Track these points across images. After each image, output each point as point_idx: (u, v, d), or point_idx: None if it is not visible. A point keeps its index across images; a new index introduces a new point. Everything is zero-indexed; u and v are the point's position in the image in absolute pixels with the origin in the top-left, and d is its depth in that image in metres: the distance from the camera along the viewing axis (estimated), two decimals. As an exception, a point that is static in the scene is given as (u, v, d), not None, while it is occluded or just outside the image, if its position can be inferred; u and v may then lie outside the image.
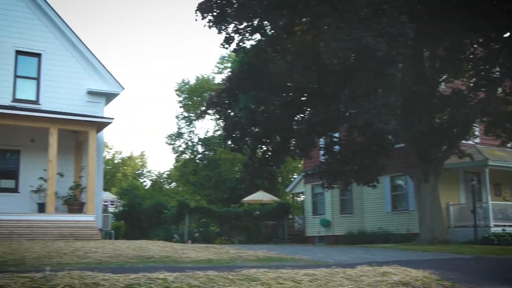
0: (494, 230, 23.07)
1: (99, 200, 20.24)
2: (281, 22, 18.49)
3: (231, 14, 19.13)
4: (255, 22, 19.78)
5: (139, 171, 68.48)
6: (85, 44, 20.85)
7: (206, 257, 11.31)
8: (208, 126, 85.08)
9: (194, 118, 52.04)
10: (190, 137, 53.25)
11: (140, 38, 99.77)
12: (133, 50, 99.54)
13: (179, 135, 53.59)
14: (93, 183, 18.70)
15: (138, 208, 32.95)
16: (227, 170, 47.20)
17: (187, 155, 53.12)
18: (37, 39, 20.12)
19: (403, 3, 16.32)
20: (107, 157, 64.78)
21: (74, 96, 20.36)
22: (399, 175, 26.49)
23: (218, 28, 19.51)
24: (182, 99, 52.68)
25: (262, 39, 20.99)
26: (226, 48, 20.67)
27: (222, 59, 53.71)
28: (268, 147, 23.18)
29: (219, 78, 52.84)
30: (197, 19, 19.62)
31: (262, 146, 23.72)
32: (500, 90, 21.94)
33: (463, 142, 23.53)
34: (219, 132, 49.66)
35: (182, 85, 52.84)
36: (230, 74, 25.45)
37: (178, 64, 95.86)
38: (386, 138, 20.95)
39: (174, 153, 54.40)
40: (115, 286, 6.22)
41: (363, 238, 26.13)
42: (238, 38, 20.29)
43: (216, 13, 19.33)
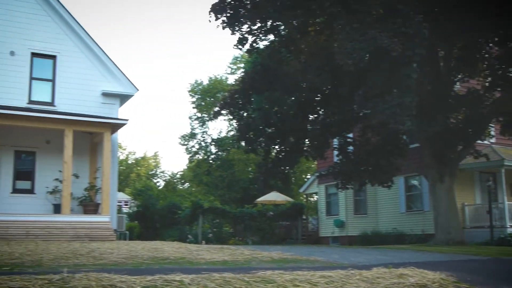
0: (511, 230, 22.85)
1: (114, 201, 20.33)
2: (294, 22, 18.44)
3: (245, 15, 19.13)
4: (269, 23, 19.76)
5: (153, 172, 68.77)
6: (99, 45, 20.97)
7: (221, 258, 11.32)
8: (221, 126, 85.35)
9: (207, 119, 52.14)
10: (203, 137, 53.38)
11: (153, 39, 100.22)
12: (145, 50, 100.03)
13: (192, 136, 53.72)
14: (108, 184, 18.80)
15: (152, 208, 33.09)
16: (240, 171, 47.22)
17: (201, 156, 53.24)
18: (52, 41, 20.29)
19: (418, 3, 16.20)
20: (121, 157, 65.19)
21: (89, 97, 20.48)
22: (414, 175, 26.33)
23: (231, 29, 19.53)
24: (195, 100, 52.81)
25: (276, 40, 20.97)
26: (240, 49, 20.72)
27: (235, 60, 53.80)
28: (281, 148, 23.15)
29: (232, 79, 52.95)
30: (210, 20, 19.67)
31: (276, 146, 23.69)
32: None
33: (479, 142, 23.30)
34: (232, 132, 49.73)
35: (195, 85, 52.97)
36: (244, 74, 25.46)
37: (191, 64, 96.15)
38: (400, 138, 20.83)
39: (188, 153, 54.57)
40: (132, 289, 6.24)
41: (377, 238, 26.00)
42: (251, 39, 20.30)
43: (229, 14, 19.35)
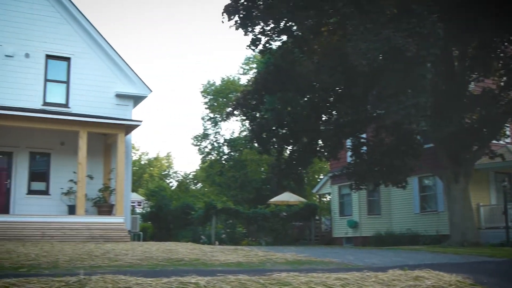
0: (527, 231, 22.60)
1: (128, 202, 20.42)
2: (307, 23, 18.39)
3: (258, 15, 19.12)
4: (282, 24, 19.73)
5: (165, 172, 68.97)
6: (113, 47, 21.09)
7: (235, 260, 11.32)
8: (233, 127, 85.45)
9: (220, 119, 52.24)
10: (216, 138, 53.48)
11: (165, 39, 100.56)
12: (157, 51, 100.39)
13: (205, 136, 53.84)
14: (122, 185, 18.89)
15: (165, 209, 33.19)
16: (253, 171, 47.24)
17: (213, 156, 53.33)
18: (66, 43, 20.45)
19: (432, 3, 16.07)
20: (134, 158, 65.46)
21: (103, 99, 20.60)
22: (428, 176, 26.17)
23: (244, 30, 19.53)
24: (207, 101, 52.93)
25: (289, 40, 20.93)
26: (253, 50, 20.71)
27: (248, 60, 53.84)
28: (295, 148, 23.11)
29: (245, 79, 53.02)
30: (223, 21, 19.68)
31: (289, 147, 23.65)
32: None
33: (494, 142, 23.08)
34: (245, 133, 49.76)
35: (208, 86, 53.10)
36: (257, 75, 25.45)
37: (203, 65, 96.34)
38: (415, 138, 20.69)
39: (200, 154, 54.71)
40: (148, 291, 6.27)
41: (391, 239, 25.89)
42: (264, 39, 20.29)
43: (242, 15, 19.35)
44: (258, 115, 23.49)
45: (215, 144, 53.44)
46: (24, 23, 19.82)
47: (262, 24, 19.62)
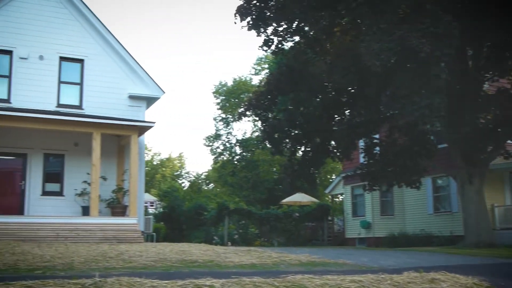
0: (542, 232, 22.39)
1: (141, 203, 20.48)
2: (320, 23, 18.33)
3: (270, 16, 19.10)
4: (294, 24, 19.69)
5: (178, 173, 69.15)
6: (126, 49, 21.17)
7: (249, 261, 11.30)
8: (245, 127, 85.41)
9: (232, 120, 52.30)
10: (228, 138, 53.55)
11: (176, 40, 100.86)
12: (169, 51, 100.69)
13: (217, 137, 53.94)
14: (135, 187, 18.94)
15: (178, 210, 33.24)
16: (265, 171, 47.22)
17: (225, 157, 53.40)
18: (80, 45, 20.55)
19: (447, 2, 15.94)
20: (146, 158, 65.65)
21: (116, 100, 20.68)
22: (441, 176, 25.98)
23: (257, 30, 19.52)
24: (219, 101, 53.02)
25: (301, 41, 20.88)
26: (265, 50, 20.69)
27: (259, 60, 53.85)
28: (307, 149, 23.04)
29: (256, 79, 53.03)
30: (236, 22, 19.69)
31: (301, 147, 23.59)
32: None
33: (509, 142, 22.86)
34: (257, 133, 49.77)
35: (219, 87, 53.19)
36: (269, 76, 25.42)
37: (215, 65, 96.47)
38: (428, 139, 20.55)
39: (212, 154, 54.82)
40: (164, 293, 6.28)
41: (405, 240, 25.75)
42: (277, 40, 20.25)
43: (254, 16, 19.34)
44: (270, 116, 23.45)
45: (227, 144, 53.53)
46: (38, 26, 19.96)
47: (274, 24, 19.60)
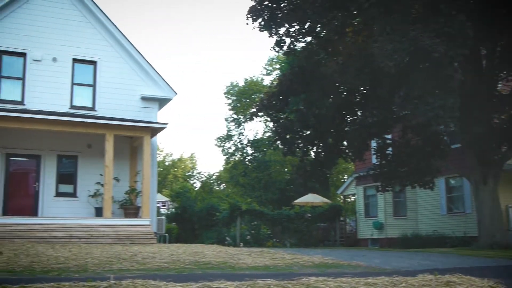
0: (557, 233, 22.15)
1: (154, 204, 20.54)
2: (332, 24, 18.27)
3: (282, 17, 19.07)
4: (307, 25, 19.63)
5: (189, 173, 69.27)
6: (138, 50, 21.23)
7: (262, 263, 11.30)
8: (257, 127, 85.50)
9: (243, 120, 52.34)
10: (240, 139, 53.59)
11: (187, 40, 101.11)
12: (180, 51, 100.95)
13: (229, 137, 54.02)
14: (148, 188, 18.98)
15: (190, 210, 33.29)
16: (277, 172, 47.17)
17: (237, 157, 53.44)
18: (92, 47, 20.65)
19: (461, 2, 15.81)
20: (158, 159, 65.74)
21: (129, 102, 20.76)
22: (455, 176, 25.79)
23: (269, 32, 19.51)
24: (231, 102, 53.10)
25: (313, 41, 20.81)
26: (277, 51, 20.66)
27: (271, 61, 53.82)
28: (319, 150, 22.96)
29: (268, 80, 53.03)
30: (248, 23, 19.69)
31: (314, 148, 23.52)
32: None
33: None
34: (269, 134, 49.76)
35: (231, 87, 53.27)
36: (281, 77, 25.40)
37: (226, 66, 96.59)
38: (441, 139, 20.40)
39: (224, 155, 54.90)
40: (178, 296, 6.29)
41: (418, 241, 25.57)
42: (289, 41, 20.22)
43: (266, 17, 19.32)
44: (282, 117, 23.40)
45: (239, 145, 53.57)
46: (51, 28, 20.09)
47: (286, 25, 19.56)
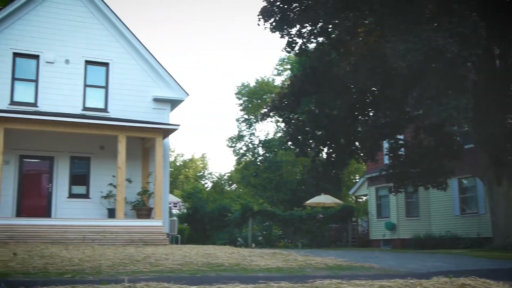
0: None
1: (166, 205, 20.59)
2: (344, 24, 18.20)
3: (294, 18, 19.03)
4: (318, 25, 19.57)
5: (200, 173, 69.38)
6: (150, 51, 21.29)
7: (275, 265, 11.28)
8: (268, 128, 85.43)
9: (255, 121, 52.36)
10: (251, 139, 53.61)
11: (198, 40, 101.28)
12: (191, 51, 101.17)
13: (240, 138, 54.06)
14: (160, 189, 19.02)
15: (202, 211, 33.32)
16: (288, 172, 47.11)
17: (248, 158, 53.46)
18: (105, 49, 20.74)
19: (474, 2, 15.67)
20: (169, 159, 65.81)
21: (141, 103, 20.83)
22: (468, 177, 25.60)
23: (280, 32, 19.48)
24: (242, 102, 53.14)
25: (325, 42, 20.75)
26: (289, 52, 20.62)
27: (282, 61, 53.79)
28: (331, 150, 22.88)
29: (279, 80, 53.00)
30: (259, 24, 19.68)
31: (325, 149, 23.44)
32: None
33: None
34: (280, 134, 49.73)
35: (242, 88, 53.31)
36: (293, 77, 25.34)
37: (237, 66, 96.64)
38: (454, 139, 20.25)
39: (235, 155, 54.94)
40: (193, 300, 6.29)
41: (431, 242, 25.41)
42: (300, 41, 20.17)
43: (278, 17, 19.30)
44: (293, 117, 23.33)
45: (250, 145, 53.59)
46: (63, 30, 20.20)
47: (298, 26, 19.52)
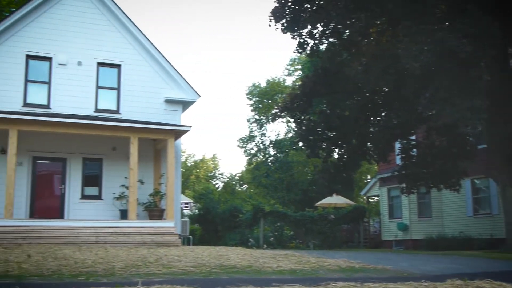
0: None
1: (178, 206, 20.62)
2: (356, 25, 18.12)
3: (306, 18, 18.98)
4: (330, 26, 19.49)
5: (211, 174, 69.52)
6: (161, 53, 21.33)
7: (288, 267, 11.26)
8: (279, 128, 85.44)
9: (266, 121, 52.36)
10: (262, 139, 53.63)
11: (209, 41, 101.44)
12: (201, 52, 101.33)
13: (251, 138, 54.09)
14: (172, 190, 19.05)
15: (213, 211, 33.37)
16: (299, 172, 47.06)
17: (259, 158, 53.47)
18: (117, 51, 20.82)
19: (487, 2, 15.53)
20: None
21: (152, 104, 20.87)
22: (481, 178, 25.40)
23: (292, 33, 19.43)
24: (253, 103, 53.16)
25: (336, 42, 20.66)
26: (300, 53, 20.56)
27: (293, 61, 53.74)
28: (343, 151, 22.78)
29: (290, 80, 52.97)
30: (270, 25, 19.63)
31: (337, 150, 23.35)
32: None
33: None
34: (290, 134, 49.69)
35: (253, 88, 53.34)
36: (304, 78, 25.27)
37: (248, 66, 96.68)
38: (467, 140, 20.09)
39: (246, 156, 54.98)
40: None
41: (443, 243, 25.24)
42: (312, 42, 20.10)
43: (289, 18, 19.25)
44: (305, 118, 23.25)
45: (261, 145, 53.60)
46: (76, 32, 20.30)
47: (309, 27, 19.45)
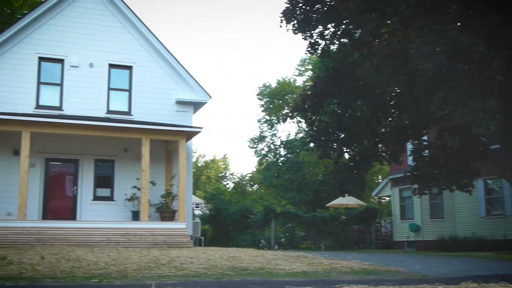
0: None
1: (189, 207, 20.65)
2: (368, 25, 18.02)
3: (317, 19, 18.90)
4: (342, 27, 19.40)
5: (222, 174, 69.55)
6: (173, 54, 21.37)
7: (300, 269, 11.26)
8: (290, 128, 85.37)
9: (276, 121, 52.31)
10: (272, 140, 53.58)
11: (219, 42, 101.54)
12: (212, 53, 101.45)
13: (262, 138, 54.06)
14: (184, 192, 19.08)
15: (224, 212, 33.41)
16: (310, 173, 46.95)
17: (270, 158, 53.43)
18: (128, 52, 20.89)
19: (500, 2, 15.39)
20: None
21: (164, 106, 20.92)
22: (494, 178, 25.20)
23: (303, 34, 19.37)
24: (263, 103, 53.12)
25: (348, 43, 20.57)
26: (312, 53, 20.48)
27: (303, 61, 53.64)
28: (354, 152, 22.68)
29: (300, 80, 52.89)
30: (281, 26, 19.57)
31: (348, 150, 23.24)
32: None
33: None
34: (301, 135, 49.61)
35: (263, 88, 53.30)
36: (315, 79, 25.19)
37: (258, 67, 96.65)
38: (480, 141, 19.91)
39: (257, 156, 54.95)
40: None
41: (456, 244, 25.10)
42: (323, 43, 20.02)
43: (300, 19, 19.19)
44: (317, 119, 23.16)
45: (272, 146, 53.55)
46: (88, 34, 20.39)
47: (321, 27, 19.37)
